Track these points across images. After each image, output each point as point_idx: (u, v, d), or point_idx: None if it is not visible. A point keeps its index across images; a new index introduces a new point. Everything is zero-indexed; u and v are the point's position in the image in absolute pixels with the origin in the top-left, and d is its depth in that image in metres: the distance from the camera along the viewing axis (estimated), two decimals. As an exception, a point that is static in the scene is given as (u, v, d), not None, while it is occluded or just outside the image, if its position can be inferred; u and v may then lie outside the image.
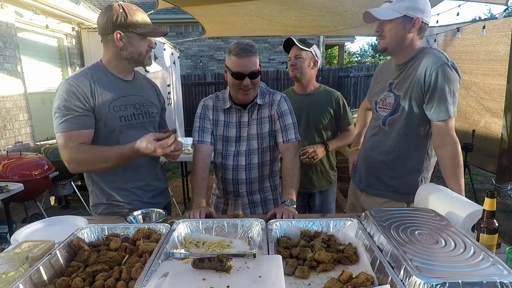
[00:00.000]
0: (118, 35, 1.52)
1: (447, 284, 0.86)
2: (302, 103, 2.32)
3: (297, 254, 1.16)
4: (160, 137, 1.47)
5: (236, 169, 1.80)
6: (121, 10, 1.50)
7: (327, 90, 2.39)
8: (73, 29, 5.34)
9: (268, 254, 1.11)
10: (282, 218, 1.45)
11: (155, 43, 1.65)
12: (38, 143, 4.43)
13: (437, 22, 5.64)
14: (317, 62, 2.31)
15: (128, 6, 1.53)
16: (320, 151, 2.22)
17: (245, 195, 1.83)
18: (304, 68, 2.26)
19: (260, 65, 1.69)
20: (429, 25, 1.75)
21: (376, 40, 1.75)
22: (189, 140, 4.44)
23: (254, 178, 1.81)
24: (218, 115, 1.81)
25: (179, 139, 4.81)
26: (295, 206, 1.59)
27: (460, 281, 0.86)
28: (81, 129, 1.50)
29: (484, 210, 1.14)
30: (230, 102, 1.77)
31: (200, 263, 1.00)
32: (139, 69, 1.78)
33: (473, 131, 4.50)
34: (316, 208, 2.44)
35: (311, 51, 2.25)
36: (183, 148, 1.80)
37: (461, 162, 1.61)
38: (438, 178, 4.04)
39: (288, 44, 2.29)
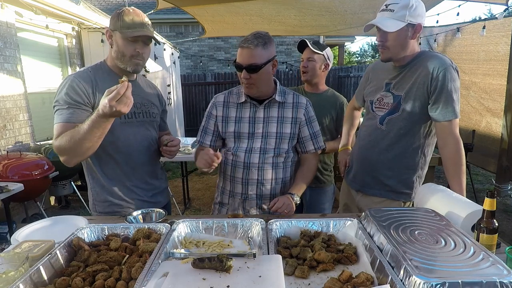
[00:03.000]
0: (109, 33, 1.57)
1: (447, 284, 0.86)
2: None
3: (297, 254, 1.16)
4: (115, 95, 1.29)
5: (248, 167, 1.68)
6: (117, 11, 1.55)
7: (334, 94, 2.44)
8: (73, 29, 5.34)
9: (268, 254, 1.11)
10: (281, 207, 1.51)
11: (155, 43, 1.63)
12: (38, 143, 4.43)
13: (437, 22, 5.64)
14: (329, 65, 2.35)
15: (127, 9, 1.56)
16: None
17: (254, 198, 1.71)
18: (315, 71, 2.31)
19: (271, 60, 1.58)
20: (430, 26, 1.78)
21: (377, 46, 1.76)
22: (189, 140, 4.44)
23: (266, 180, 1.70)
24: (228, 111, 1.73)
25: (179, 138, 4.79)
26: (298, 202, 1.62)
27: (460, 281, 0.86)
28: (75, 122, 1.48)
29: (484, 210, 1.14)
30: (246, 97, 1.68)
31: (200, 263, 1.00)
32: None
33: (473, 131, 4.51)
34: (308, 205, 2.45)
35: (323, 54, 2.29)
36: (183, 148, 1.80)
37: (463, 162, 1.62)
38: (438, 178, 4.05)
39: (302, 45, 2.32)
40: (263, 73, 1.57)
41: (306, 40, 2.29)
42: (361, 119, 2.51)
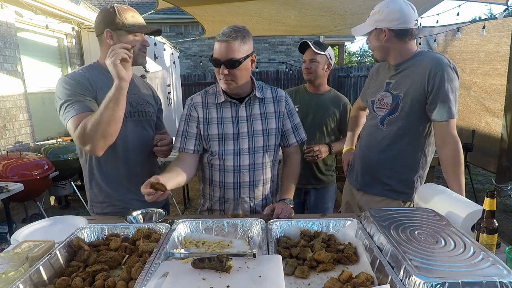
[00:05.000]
0: (108, 33, 1.55)
1: (447, 284, 0.86)
2: (312, 102, 2.37)
3: (297, 254, 1.16)
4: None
5: (238, 170, 1.63)
6: (111, 10, 1.55)
7: (336, 95, 2.44)
8: (73, 29, 5.34)
9: (268, 254, 1.11)
10: (281, 213, 1.47)
11: (155, 43, 1.64)
12: (38, 143, 4.43)
13: (437, 22, 5.64)
14: (331, 64, 2.36)
15: (119, 7, 1.57)
16: (324, 150, 2.26)
17: (247, 201, 1.68)
18: (319, 72, 2.31)
19: (250, 55, 1.51)
20: (430, 26, 1.82)
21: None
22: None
23: (258, 181, 1.67)
24: (209, 112, 1.62)
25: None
26: (292, 205, 1.60)
27: (460, 281, 0.86)
28: (88, 111, 1.47)
29: (484, 210, 1.14)
30: (225, 96, 1.60)
31: (200, 263, 1.00)
32: (139, 68, 1.79)
33: (473, 131, 4.51)
34: (312, 206, 2.46)
35: (325, 54, 2.29)
36: None
37: (462, 162, 1.62)
38: (438, 178, 4.05)
39: (304, 46, 2.32)
40: (243, 68, 1.50)
41: (308, 41, 2.29)
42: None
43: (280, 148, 1.79)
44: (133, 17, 1.57)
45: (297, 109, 1.87)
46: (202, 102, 1.64)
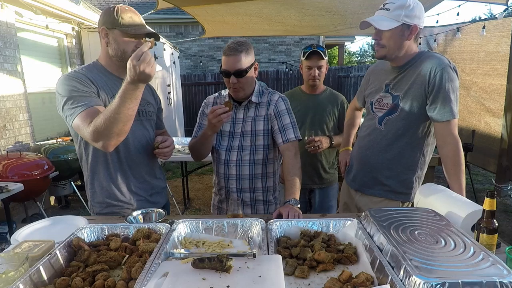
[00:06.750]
0: (104, 32, 1.55)
1: (447, 284, 0.85)
2: (309, 102, 2.40)
3: (297, 254, 1.16)
4: (137, 53, 1.30)
5: (227, 164, 1.82)
6: (111, 9, 1.54)
7: (333, 93, 2.48)
8: (73, 29, 5.34)
9: (268, 254, 1.11)
10: (288, 217, 1.45)
11: (155, 43, 1.63)
12: (38, 143, 4.43)
13: (437, 22, 5.64)
14: (328, 65, 2.45)
15: (121, 7, 1.55)
16: (325, 141, 2.27)
17: (235, 191, 1.84)
18: (323, 76, 2.38)
19: (253, 64, 1.71)
20: (430, 26, 1.79)
21: (373, 46, 1.76)
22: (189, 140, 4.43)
23: (244, 175, 1.81)
24: None
25: (177, 138, 4.75)
26: (299, 205, 1.59)
27: (460, 281, 0.86)
28: (96, 105, 1.46)
29: (484, 210, 1.14)
30: (229, 99, 1.83)
31: (200, 263, 1.00)
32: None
33: (473, 131, 4.51)
34: (317, 205, 2.47)
35: (326, 58, 2.35)
36: (183, 148, 1.81)
37: (463, 161, 1.62)
38: (438, 178, 4.05)
39: (312, 53, 2.29)
40: (249, 76, 1.71)
41: (319, 51, 2.27)
42: (362, 119, 2.54)
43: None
44: (131, 18, 1.54)
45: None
46: (213, 102, 1.91)
